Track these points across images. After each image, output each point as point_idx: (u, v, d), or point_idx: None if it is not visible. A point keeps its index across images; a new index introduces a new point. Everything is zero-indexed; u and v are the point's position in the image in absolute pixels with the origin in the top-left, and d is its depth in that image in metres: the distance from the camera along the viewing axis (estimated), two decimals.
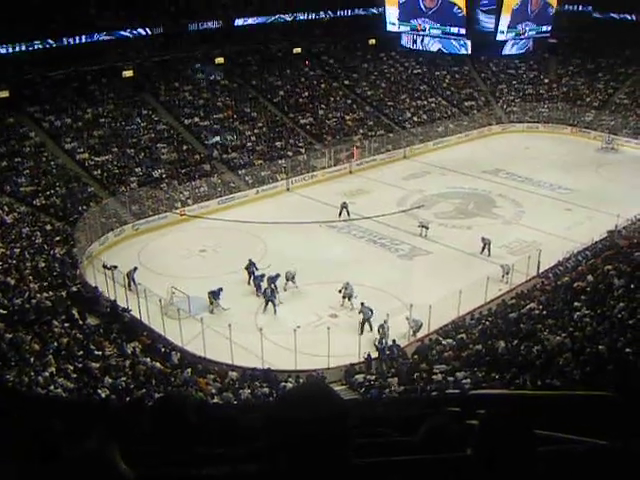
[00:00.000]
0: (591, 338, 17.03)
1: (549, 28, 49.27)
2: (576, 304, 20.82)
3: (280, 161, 40.75)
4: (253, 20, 48.03)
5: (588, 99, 53.33)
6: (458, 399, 10.68)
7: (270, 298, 25.37)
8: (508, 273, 26.92)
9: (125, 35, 41.43)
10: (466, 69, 56.74)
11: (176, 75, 44.92)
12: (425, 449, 2.57)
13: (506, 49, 49.81)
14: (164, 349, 21.89)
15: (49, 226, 30.89)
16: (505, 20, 45.93)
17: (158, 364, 20.44)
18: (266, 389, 19.16)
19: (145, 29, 42.25)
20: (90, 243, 30.20)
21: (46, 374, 17.66)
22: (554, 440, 2.79)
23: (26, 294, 22.83)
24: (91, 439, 1.96)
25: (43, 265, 26.55)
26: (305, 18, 50.77)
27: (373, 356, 21.92)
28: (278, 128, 44.42)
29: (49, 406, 8.10)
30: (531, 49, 51.71)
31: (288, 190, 39.40)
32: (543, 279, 26.49)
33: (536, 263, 27.41)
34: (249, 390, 18.94)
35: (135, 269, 26.98)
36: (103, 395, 16.79)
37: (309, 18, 51.07)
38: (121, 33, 41.16)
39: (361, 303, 24.47)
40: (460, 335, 22.25)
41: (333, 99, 49.32)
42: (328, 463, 1.78)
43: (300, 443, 1.75)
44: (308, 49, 52.34)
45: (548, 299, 23.15)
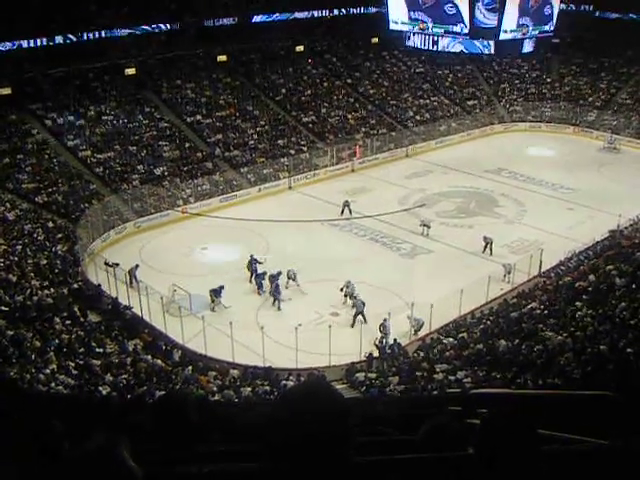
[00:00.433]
0: (592, 338, 17.04)
1: (552, 27, 49.09)
2: (577, 304, 20.82)
3: (282, 159, 40.73)
4: (268, 17, 48.37)
5: (590, 99, 53.26)
6: (459, 398, 10.68)
7: (275, 294, 25.47)
8: (510, 272, 26.92)
9: (144, 29, 41.98)
10: (469, 68, 56.63)
11: (178, 73, 44.87)
12: (426, 448, 2.57)
13: (525, 48, 49.63)
14: (165, 347, 21.92)
15: (51, 223, 30.90)
16: (512, 18, 45.64)
17: (159, 362, 20.48)
18: (267, 387, 19.18)
19: (165, 25, 42.92)
20: (92, 240, 30.23)
21: (47, 371, 17.71)
22: (555, 440, 2.79)
23: (28, 291, 22.88)
24: (100, 435, 1.96)
25: (45, 262, 26.59)
26: (308, 16, 50.77)
27: (375, 355, 21.94)
28: (280, 126, 44.40)
29: (50, 404, 8.11)
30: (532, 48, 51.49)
31: (290, 188, 39.39)
32: (545, 278, 26.48)
33: (538, 262, 27.40)
34: (250, 388, 18.96)
35: (137, 266, 27.02)
36: (104, 392, 16.81)
37: (312, 16, 51.07)
38: (142, 28, 41.75)
39: (354, 296, 24.60)
40: (461, 334, 22.26)
41: (335, 97, 49.27)
42: (329, 461, 1.78)
43: (301, 441, 1.76)
44: (311, 47, 52.31)
45: (550, 298, 23.14)
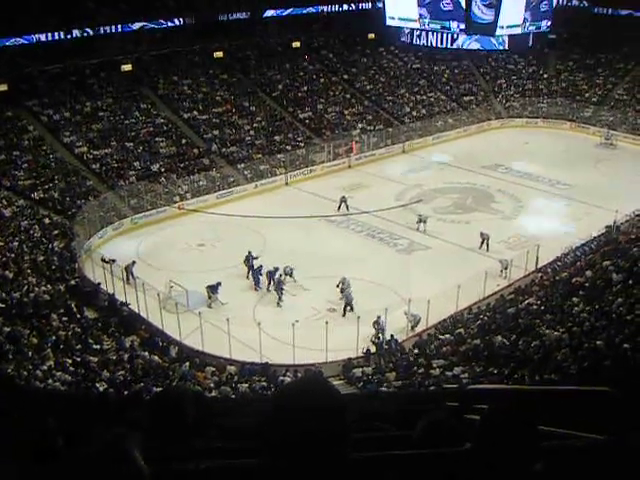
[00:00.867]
0: (589, 333, 17.07)
1: (549, 23, 49.08)
2: (574, 299, 20.86)
3: (279, 155, 40.70)
4: (282, 11, 48.54)
5: (587, 94, 53.26)
6: (456, 394, 10.70)
7: (278, 291, 25.45)
8: (507, 268, 26.94)
9: (161, 23, 42.79)
10: (465, 64, 56.58)
11: (175, 69, 44.79)
12: (423, 444, 2.57)
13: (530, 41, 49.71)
14: (162, 343, 21.92)
15: (48, 220, 30.85)
16: (517, 13, 45.60)
17: (156, 358, 20.49)
18: (264, 383, 19.19)
19: (179, 19, 43.44)
20: (89, 237, 30.18)
21: (44, 368, 17.71)
22: (553, 435, 2.79)
23: (24, 288, 22.87)
24: (112, 431, 1.95)
25: (42, 259, 26.58)
26: (305, 12, 50.72)
27: (372, 351, 21.96)
28: (277, 122, 44.35)
29: (47, 401, 8.10)
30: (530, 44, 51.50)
31: (287, 184, 39.35)
32: (541, 274, 26.48)
33: (534, 258, 27.41)
34: (247, 384, 18.96)
35: (133, 263, 26.99)
36: (101, 389, 16.80)
37: (308, 12, 51.02)
38: (160, 22, 42.73)
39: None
40: (458, 330, 22.28)
41: (332, 93, 49.21)
42: (326, 457, 1.78)
43: (298, 438, 1.75)
44: (307, 43, 52.22)
45: (546, 294, 23.18)
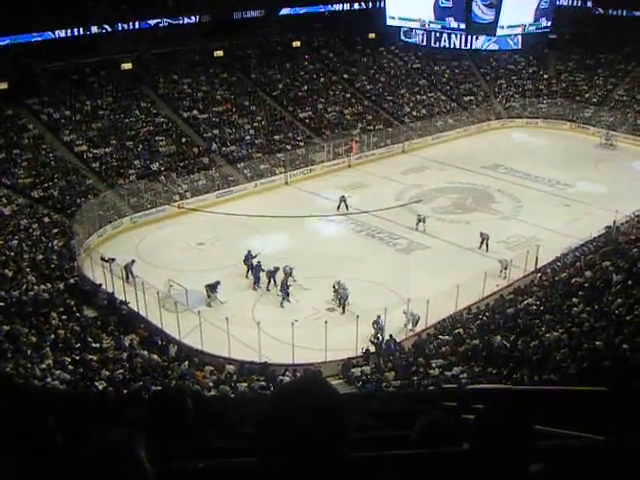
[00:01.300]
0: (588, 334, 17.07)
1: (549, 24, 49.01)
2: (574, 300, 20.87)
3: (279, 155, 40.69)
4: (297, 10, 48.83)
5: (587, 95, 53.25)
6: (455, 394, 10.70)
7: (283, 291, 25.36)
8: (506, 268, 26.88)
9: (176, 20, 42.96)
10: (465, 64, 56.55)
11: (175, 68, 44.76)
12: (421, 443, 2.57)
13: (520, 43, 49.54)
14: (161, 342, 21.91)
15: (47, 218, 30.86)
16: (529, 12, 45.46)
17: (155, 357, 20.49)
18: (263, 383, 19.18)
19: (195, 16, 43.79)
20: (88, 236, 30.16)
21: (43, 366, 17.69)
22: (551, 435, 2.79)
23: (24, 286, 22.87)
24: (117, 430, 1.94)
25: (41, 257, 26.57)
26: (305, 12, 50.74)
27: (371, 350, 21.95)
28: (277, 122, 44.33)
29: (46, 399, 8.10)
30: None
31: (287, 184, 39.34)
32: (541, 275, 26.49)
33: (534, 259, 27.40)
34: (246, 383, 18.96)
35: (133, 262, 26.98)
36: (100, 387, 16.80)
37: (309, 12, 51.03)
38: (179, 18, 43.09)
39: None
40: (457, 330, 22.28)
41: (332, 93, 49.18)
42: (324, 457, 1.77)
43: (296, 437, 1.75)
44: (308, 43, 52.20)
45: (546, 295, 23.18)
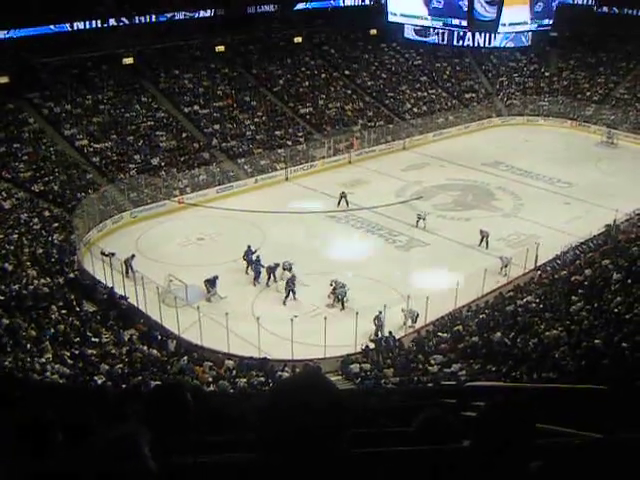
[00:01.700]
0: (588, 332, 17.08)
1: (550, 21, 48.94)
2: (573, 298, 20.86)
3: (279, 150, 40.66)
4: (310, 5, 48.94)
5: (588, 93, 53.19)
6: (454, 391, 10.71)
7: (291, 288, 25.18)
8: (507, 266, 26.85)
9: (194, 13, 43.20)
10: (467, 61, 56.49)
11: (176, 63, 44.71)
12: (420, 440, 2.57)
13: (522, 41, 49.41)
14: (161, 337, 21.93)
15: (47, 212, 30.86)
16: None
17: (155, 352, 20.50)
18: (262, 378, 19.19)
19: (209, 10, 43.94)
20: (88, 230, 30.18)
21: (42, 360, 17.71)
22: (550, 433, 2.79)
23: (24, 280, 22.88)
24: (122, 426, 1.94)
25: (41, 251, 26.58)
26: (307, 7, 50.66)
27: (371, 347, 21.96)
28: (278, 117, 44.29)
29: (45, 393, 8.10)
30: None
31: (287, 179, 39.32)
32: (541, 272, 26.49)
33: (534, 256, 27.39)
34: (245, 379, 18.97)
35: (133, 256, 26.99)
36: (99, 382, 16.82)
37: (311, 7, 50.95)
38: (193, 12, 43.23)
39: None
40: (457, 327, 22.28)
41: (333, 89, 49.12)
42: (322, 453, 1.77)
43: (294, 432, 1.75)
44: (309, 39, 52.13)
45: (545, 292, 23.18)
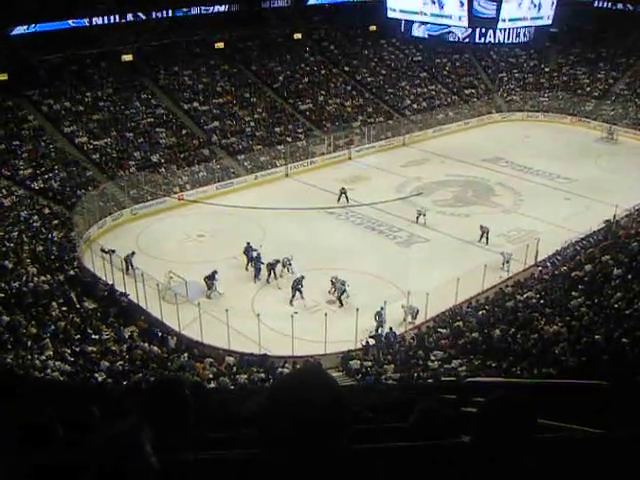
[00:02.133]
0: (588, 328, 17.09)
1: (550, 17, 48.83)
2: (573, 293, 20.87)
3: (279, 147, 40.66)
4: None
5: (588, 89, 53.14)
6: (454, 387, 10.72)
7: (297, 287, 24.88)
8: (508, 262, 26.83)
9: (210, 8, 43.72)
10: (466, 57, 56.43)
11: (176, 59, 44.65)
12: (416, 433, 2.57)
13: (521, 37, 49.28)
14: (161, 333, 21.94)
15: (47, 210, 30.84)
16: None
17: (155, 348, 20.52)
18: (263, 375, 19.21)
19: (223, 6, 44.51)
20: (88, 227, 30.19)
21: (43, 357, 17.73)
22: (550, 428, 2.79)
23: (24, 277, 22.88)
24: (125, 422, 1.95)
25: (41, 249, 26.58)
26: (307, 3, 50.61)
27: (372, 343, 21.97)
28: (277, 114, 44.26)
29: (45, 391, 8.10)
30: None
31: (287, 176, 39.32)
32: (541, 268, 26.48)
33: (534, 252, 27.39)
34: (246, 375, 18.99)
35: (133, 253, 27.00)
36: (100, 379, 16.84)
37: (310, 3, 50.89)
38: (207, 7, 43.73)
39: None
40: (457, 323, 22.29)
41: (333, 85, 49.08)
42: (323, 448, 1.78)
43: (295, 428, 1.75)
44: (309, 35, 52.07)
45: (545, 288, 23.17)
